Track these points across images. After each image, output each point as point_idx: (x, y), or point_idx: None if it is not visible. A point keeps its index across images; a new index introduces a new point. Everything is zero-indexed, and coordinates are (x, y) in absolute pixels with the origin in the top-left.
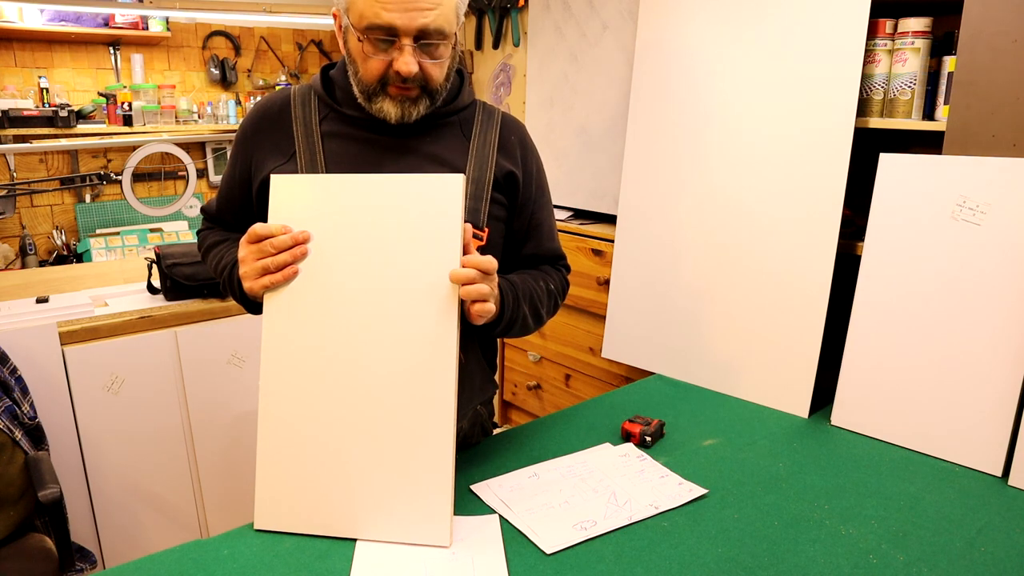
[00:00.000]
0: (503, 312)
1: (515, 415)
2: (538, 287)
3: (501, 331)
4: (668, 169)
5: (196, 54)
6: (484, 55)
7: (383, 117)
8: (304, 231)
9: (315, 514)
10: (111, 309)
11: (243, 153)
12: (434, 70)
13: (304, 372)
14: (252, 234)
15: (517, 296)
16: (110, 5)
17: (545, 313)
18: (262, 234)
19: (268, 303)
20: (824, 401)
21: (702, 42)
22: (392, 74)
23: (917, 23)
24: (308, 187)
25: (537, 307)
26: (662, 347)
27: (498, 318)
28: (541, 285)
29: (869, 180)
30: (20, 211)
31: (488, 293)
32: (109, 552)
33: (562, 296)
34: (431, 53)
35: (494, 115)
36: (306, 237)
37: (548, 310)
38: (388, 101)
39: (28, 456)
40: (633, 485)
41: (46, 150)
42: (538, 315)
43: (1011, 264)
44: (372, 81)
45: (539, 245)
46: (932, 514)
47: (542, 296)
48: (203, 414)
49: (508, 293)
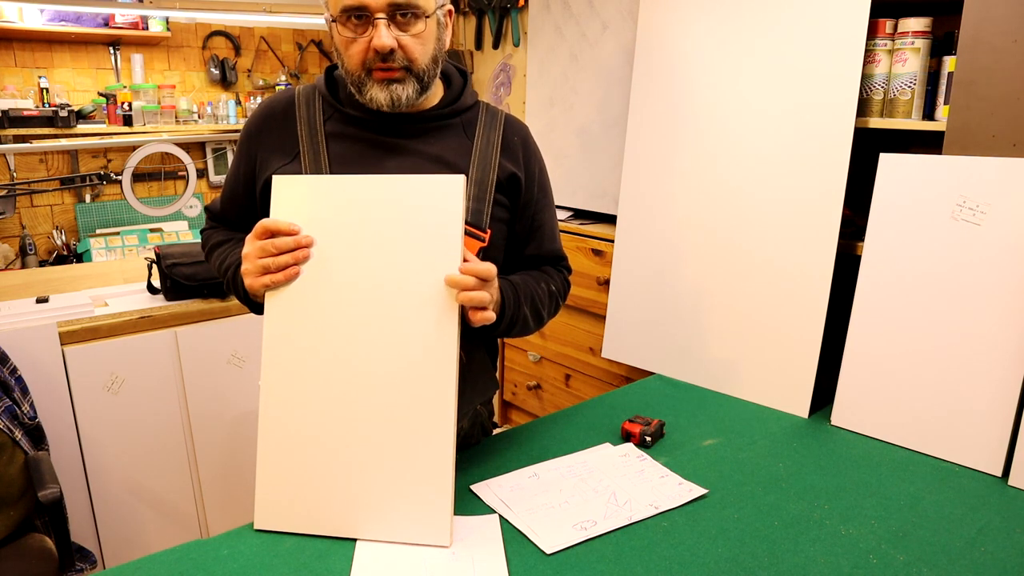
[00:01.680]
0: (503, 313)
1: (515, 415)
2: (539, 288)
3: (502, 332)
4: (668, 169)
5: (196, 54)
6: (484, 55)
7: (376, 107)
8: (308, 235)
9: (315, 514)
10: (111, 309)
11: (247, 152)
12: (414, 47)
13: (305, 372)
14: (261, 229)
15: (518, 297)
16: (110, 5)
17: (546, 314)
18: (271, 228)
19: (269, 303)
20: (824, 401)
21: (702, 42)
22: (372, 55)
23: (917, 23)
24: (310, 188)
25: (538, 308)
26: (662, 347)
27: (498, 320)
28: (542, 286)
29: (869, 180)
30: (20, 211)
31: (487, 300)
32: (109, 552)
33: (563, 297)
34: (407, 28)
35: (497, 116)
36: (309, 241)
37: (549, 311)
38: (375, 87)
39: (28, 456)
40: (633, 485)
41: (46, 150)
42: (539, 316)
43: (1011, 264)
44: (356, 68)
45: (541, 246)
46: (932, 514)
47: (543, 297)
48: (203, 414)
49: (509, 294)
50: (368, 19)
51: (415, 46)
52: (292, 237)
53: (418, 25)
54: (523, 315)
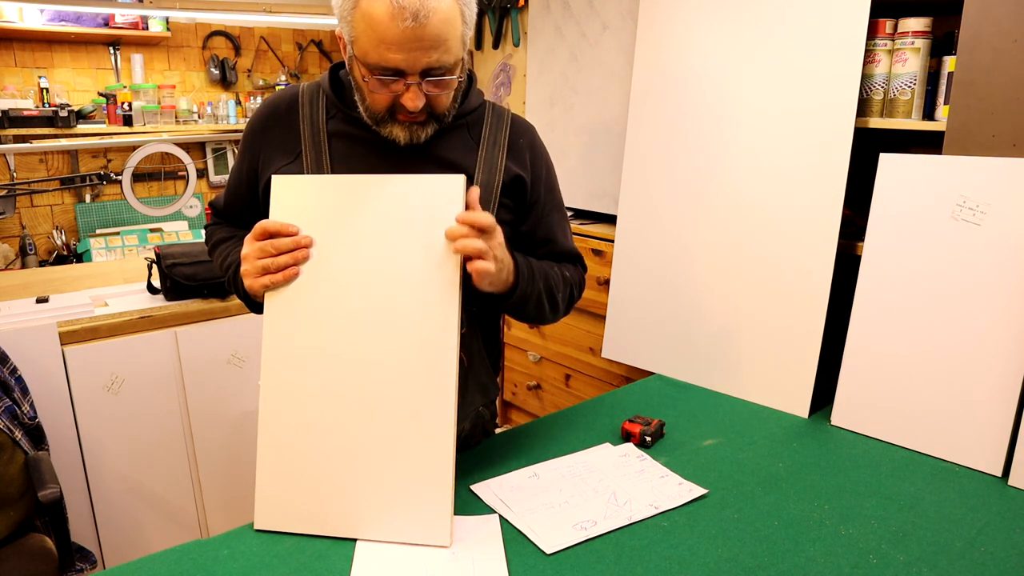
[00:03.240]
0: (518, 282)
1: (515, 415)
2: (553, 272)
3: (515, 303)
4: (668, 169)
5: (196, 54)
6: (484, 55)
7: (393, 140)
8: (307, 236)
9: (315, 514)
10: (111, 309)
11: (251, 150)
12: (442, 100)
13: (305, 372)
14: (260, 230)
15: (532, 271)
16: (110, 5)
17: (561, 299)
18: (270, 230)
19: (269, 303)
20: (824, 401)
21: (702, 42)
22: (399, 105)
23: (917, 23)
24: (309, 187)
25: (552, 290)
26: (662, 347)
27: (512, 288)
28: (556, 270)
29: (869, 180)
30: (20, 211)
31: (483, 249)
32: (109, 552)
33: (579, 290)
34: (438, 85)
35: (503, 117)
36: (308, 241)
37: (564, 298)
38: (397, 127)
39: (28, 456)
40: (633, 485)
41: (46, 150)
42: (553, 299)
43: (1011, 264)
44: (380, 111)
45: (554, 247)
46: (932, 514)
47: (558, 281)
48: (203, 414)
49: (524, 267)
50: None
51: (443, 98)
52: (291, 237)
53: (447, 80)
54: (537, 290)
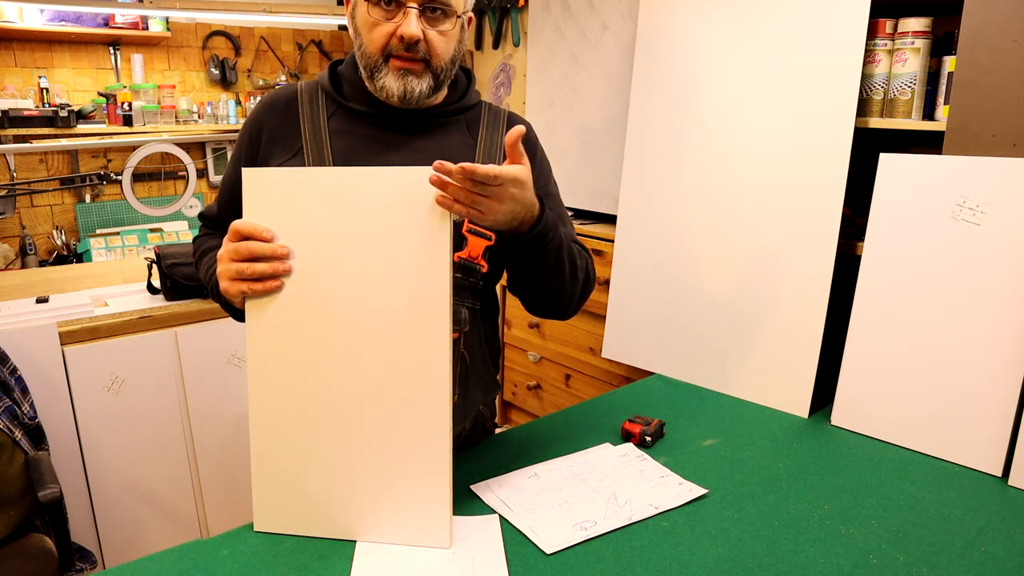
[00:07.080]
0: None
1: (515, 415)
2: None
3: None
4: (668, 169)
5: (196, 54)
6: (484, 55)
7: (386, 96)
8: (285, 246)
9: (314, 517)
10: (111, 309)
11: (249, 147)
12: (439, 43)
13: (293, 375)
14: (233, 231)
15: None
16: (110, 5)
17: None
18: (243, 231)
19: (250, 305)
20: (824, 401)
21: (702, 42)
22: (395, 42)
23: (917, 23)
24: (283, 181)
25: (572, 252)
26: (662, 347)
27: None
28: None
29: (869, 180)
30: (20, 211)
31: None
32: (109, 552)
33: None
34: (435, 23)
35: (500, 116)
36: (286, 252)
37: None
38: (391, 75)
39: (28, 456)
40: (633, 485)
41: (46, 150)
42: (572, 260)
43: (1011, 264)
44: (376, 52)
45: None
46: (932, 514)
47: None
48: (203, 414)
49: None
50: (399, 6)
51: (439, 42)
52: (268, 245)
53: (446, 23)
54: (559, 237)
